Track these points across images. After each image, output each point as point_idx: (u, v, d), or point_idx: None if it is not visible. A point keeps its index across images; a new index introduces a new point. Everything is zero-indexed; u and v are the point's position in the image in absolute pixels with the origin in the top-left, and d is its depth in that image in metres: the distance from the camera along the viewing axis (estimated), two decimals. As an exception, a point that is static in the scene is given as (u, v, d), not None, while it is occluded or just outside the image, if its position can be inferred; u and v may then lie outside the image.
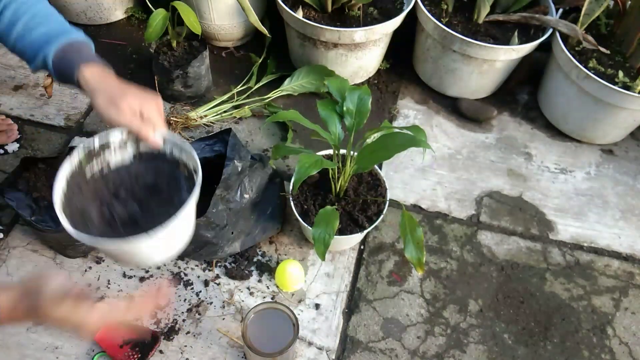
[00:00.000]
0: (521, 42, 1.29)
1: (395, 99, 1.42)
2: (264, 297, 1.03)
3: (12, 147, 1.22)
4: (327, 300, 1.04)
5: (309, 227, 0.96)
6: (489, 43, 1.26)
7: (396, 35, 1.37)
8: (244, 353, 0.96)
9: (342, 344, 1.00)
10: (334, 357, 0.98)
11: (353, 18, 1.33)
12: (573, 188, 1.27)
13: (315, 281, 1.06)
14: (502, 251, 1.14)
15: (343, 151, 1.05)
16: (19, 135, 1.24)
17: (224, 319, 1.00)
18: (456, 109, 1.40)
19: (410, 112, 1.39)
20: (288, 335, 0.87)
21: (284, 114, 0.98)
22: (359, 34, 1.25)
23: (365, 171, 1.03)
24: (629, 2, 1.28)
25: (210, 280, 1.04)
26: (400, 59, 1.48)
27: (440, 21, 1.30)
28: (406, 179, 1.25)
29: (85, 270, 1.04)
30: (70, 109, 1.32)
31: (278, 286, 1.04)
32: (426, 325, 1.03)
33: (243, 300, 1.03)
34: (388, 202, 1.04)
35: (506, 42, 1.30)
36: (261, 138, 1.30)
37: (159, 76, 1.30)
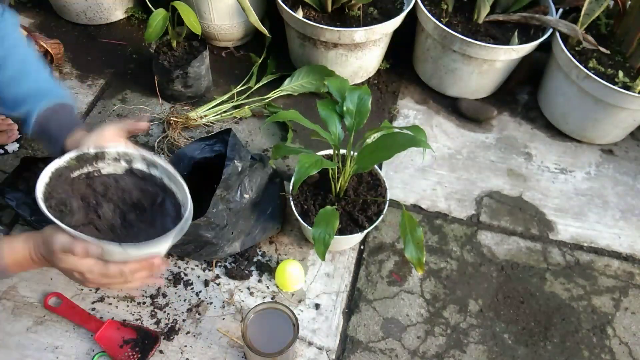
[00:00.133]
0: (521, 42, 1.29)
1: (395, 99, 1.42)
2: (264, 297, 1.03)
3: (12, 147, 1.22)
4: (327, 300, 1.04)
5: (309, 227, 0.96)
6: (489, 43, 1.26)
7: (396, 35, 1.37)
8: (244, 353, 0.96)
9: (342, 344, 1.00)
10: (334, 357, 0.98)
11: (353, 18, 1.33)
12: (573, 188, 1.27)
13: (315, 281, 1.06)
14: (502, 251, 1.14)
15: (343, 151, 1.05)
16: (19, 135, 1.24)
17: (224, 319, 1.00)
18: (456, 109, 1.40)
19: (410, 112, 1.39)
20: (288, 335, 0.87)
21: (284, 114, 0.98)
22: (359, 34, 1.25)
23: (365, 171, 1.03)
24: (629, 2, 1.28)
25: (210, 280, 1.04)
26: (400, 59, 1.49)
27: (440, 21, 1.30)
28: (406, 179, 1.25)
29: (85, 270, 1.04)
30: (70, 109, 1.32)
31: (278, 286, 1.04)
32: (426, 325, 1.03)
33: (243, 300, 1.03)
34: (388, 202, 1.04)
35: (506, 42, 1.30)
36: (261, 138, 1.30)
37: (159, 76, 1.30)
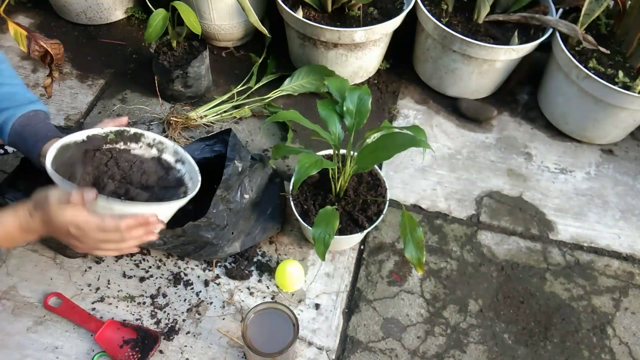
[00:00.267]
0: (521, 42, 1.29)
1: (395, 99, 1.42)
2: (264, 297, 1.03)
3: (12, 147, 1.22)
4: (327, 300, 1.04)
5: (309, 227, 0.96)
6: (489, 43, 1.26)
7: (396, 35, 1.37)
8: (244, 353, 0.96)
9: (342, 344, 1.00)
10: (334, 357, 0.98)
11: (353, 18, 1.33)
12: (573, 188, 1.27)
13: (315, 281, 1.06)
14: (502, 251, 1.14)
15: (343, 151, 1.05)
16: (19, 135, 1.23)
17: (224, 319, 1.00)
18: (456, 109, 1.40)
19: (410, 112, 1.39)
20: (288, 335, 0.87)
21: (284, 114, 0.98)
22: (359, 34, 1.25)
23: (365, 171, 1.03)
24: (629, 2, 1.28)
25: (210, 280, 1.04)
26: (400, 59, 1.49)
27: (440, 21, 1.30)
28: (406, 179, 1.25)
29: (85, 270, 1.04)
30: (70, 108, 1.32)
31: (278, 286, 1.04)
32: (426, 325, 1.03)
33: (243, 300, 1.03)
34: (388, 202, 1.04)
35: (506, 42, 1.30)
36: (261, 138, 1.30)
37: (159, 76, 1.30)
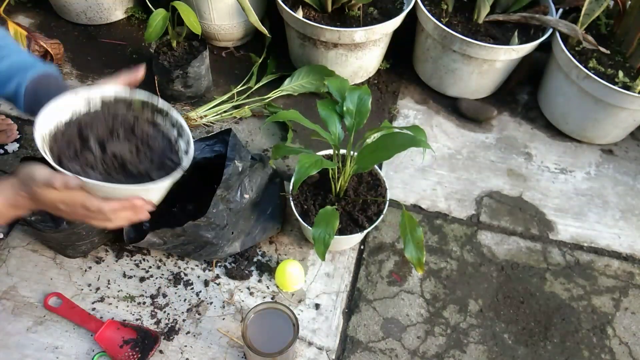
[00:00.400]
0: (521, 42, 1.29)
1: (395, 99, 1.42)
2: (264, 297, 1.03)
3: (12, 147, 1.22)
4: (327, 300, 1.04)
5: (309, 227, 0.96)
6: (489, 43, 1.26)
7: (396, 35, 1.37)
8: (244, 353, 0.96)
9: (342, 344, 1.00)
10: (334, 357, 0.98)
11: (353, 18, 1.33)
12: (573, 188, 1.27)
13: (315, 281, 1.06)
14: (502, 251, 1.14)
15: (343, 151, 1.05)
16: (18, 135, 1.24)
17: (224, 319, 1.00)
18: (456, 109, 1.40)
19: (410, 112, 1.39)
20: (288, 335, 0.87)
21: (284, 114, 0.98)
22: (359, 34, 1.25)
23: (365, 171, 1.03)
24: (629, 2, 1.28)
25: (210, 280, 1.04)
26: (400, 59, 1.48)
27: (440, 21, 1.30)
28: (406, 179, 1.25)
29: (85, 270, 1.04)
30: (70, 109, 1.32)
31: (278, 286, 1.04)
32: (426, 325, 1.03)
33: (243, 300, 1.03)
34: (388, 202, 1.04)
35: (506, 42, 1.30)
36: (261, 138, 1.30)
37: (159, 76, 1.30)
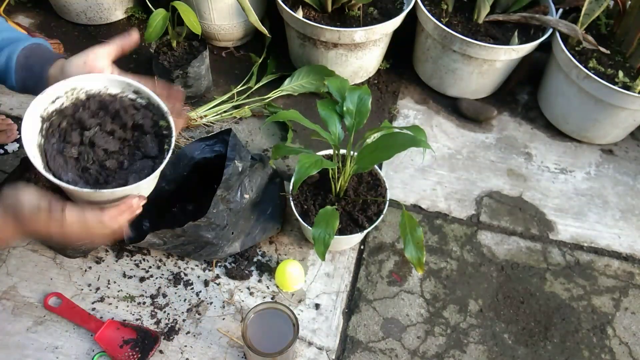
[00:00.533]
0: (521, 42, 1.29)
1: (395, 99, 1.42)
2: (264, 297, 1.03)
3: (12, 147, 1.22)
4: (327, 300, 1.04)
5: (309, 227, 0.96)
6: (489, 43, 1.26)
7: (396, 35, 1.37)
8: (244, 353, 0.96)
9: (342, 344, 1.00)
10: (334, 357, 0.98)
11: (353, 18, 1.33)
12: (573, 188, 1.27)
13: (315, 281, 1.06)
14: (502, 251, 1.14)
15: (343, 151, 1.05)
16: (18, 135, 1.24)
17: (224, 319, 1.00)
18: (456, 109, 1.40)
19: (410, 112, 1.39)
20: (288, 335, 0.87)
21: (284, 114, 0.98)
22: (359, 34, 1.25)
23: (365, 171, 1.03)
24: (629, 2, 1.28)
25: (210, 280, 1.04)
26: (400, 59, 1.48)
27: (440, 21, 1.30)
28: (406, 179, 1.25)
29: (85, 270, 1.04)
30: (70, 109, 1.32)
31: (278, 286, 1.04)
32: (426, 325, 1.03)
33: (243, 300, 1.03)
34: (388, 202, 1.04)
35: (506, 42, 1.30)
36: (261, 138, 1.30)
37: (159, 76, 1.29)
